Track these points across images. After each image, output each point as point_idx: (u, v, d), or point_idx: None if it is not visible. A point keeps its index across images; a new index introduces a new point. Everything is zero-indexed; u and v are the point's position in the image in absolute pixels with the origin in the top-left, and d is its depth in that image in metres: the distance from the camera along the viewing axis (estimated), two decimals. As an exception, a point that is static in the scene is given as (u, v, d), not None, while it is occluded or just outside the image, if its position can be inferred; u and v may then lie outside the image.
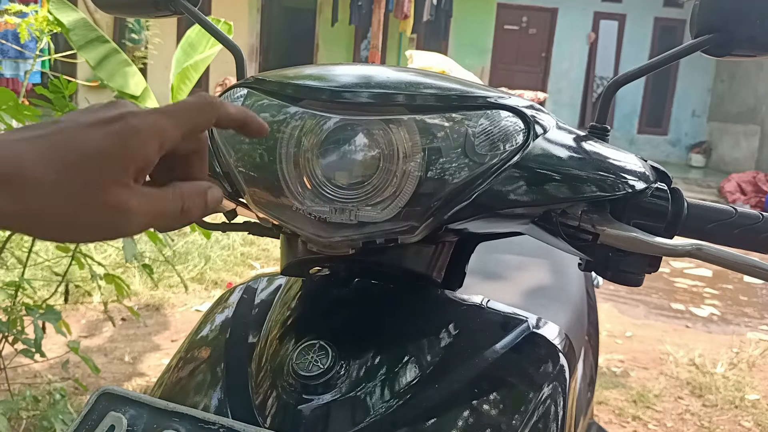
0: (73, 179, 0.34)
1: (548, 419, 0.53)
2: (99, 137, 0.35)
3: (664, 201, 0.53)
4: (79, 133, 0.35)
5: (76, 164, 0.34)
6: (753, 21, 0.55)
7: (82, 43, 2.60)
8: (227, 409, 0.52)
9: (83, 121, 0.35)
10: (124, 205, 0.35)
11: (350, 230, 0.49)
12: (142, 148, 0.36)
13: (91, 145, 0.35)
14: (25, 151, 0.34)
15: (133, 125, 0.36)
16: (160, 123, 0.37)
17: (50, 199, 0.34)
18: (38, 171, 0.33)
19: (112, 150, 0.35)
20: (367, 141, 0.48)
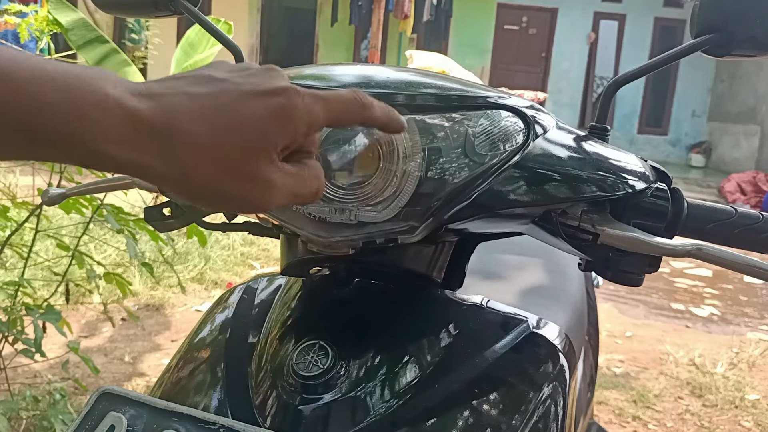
0: (229, 146, 0.34)
1: (548, 419, 0.53)
2: (261, 109, 0.35)
3: (664, 201, 0.53)
4: (243, 101, 0.34)
5: (235, 132, 0.34)
6: (753, 21, 0.55)
7: (81, 43, 2.60)
8: (227, 409, 0.52)
9: (246, 88, 0.35)
10: (270, 179, 0.35)
11: (350, 230, 0.49)
12: (296, 128, 0.36)
13: (253, 115, 0.34)
14: (185, 107, 0.33)
15: (294, 103, 0.36)
16: (315, 107, 0.37)
17: (202, 162, 0.33)
18: (197, 131, 0.33)
19: (272, 124, 0.35)
20: (367, 141, 0.48)
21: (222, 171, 0.34)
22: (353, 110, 0.39)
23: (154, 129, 0.32)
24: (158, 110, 0.33)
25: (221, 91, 0.34)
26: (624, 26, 10.67)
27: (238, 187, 0.35)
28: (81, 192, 0.81)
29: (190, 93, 0.34)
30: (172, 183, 0.34)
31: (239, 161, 0.34)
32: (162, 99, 0.33)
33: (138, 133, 0.32)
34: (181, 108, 0.33)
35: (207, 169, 0.34)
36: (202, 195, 0.35)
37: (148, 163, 0.33)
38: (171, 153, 0.33)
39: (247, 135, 0.34)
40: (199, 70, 0.36)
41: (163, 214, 0.67)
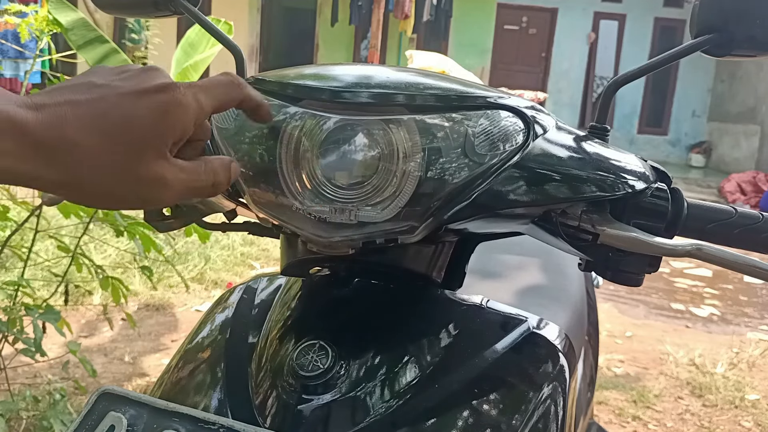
0: (116, 148, 0.34)
1: (548, 419, 0.53)
2: (142, 108, 0.35)
3: (664, 201, 0.53)
4: (123, 102, 0.35)
5: (119, 134, 0.34)
6: (753, 21, 0.55)
7: (82, 43, 2.60)
8: (227, 409, 0.52)
9: (126, 89, 0.35)
10: (162, 176, 0.36)
11: (350, 230, 0.49)
12: (182, 121, 0.37)
13: (135, 116, 0.35)
14: (69, 116, 0.34)
15: (175, 99, 0.36)
16: (198, 97, 0.38)
17: (92, 167, 0.34)
18: (81, 138, 0.33)
19: (155, 122, 0.35)
20: (367, 141, 0.48)
21: (111, 175, 0.35)
22: (233, 90, 0.41)
23: (40, 140, 0.33)
24: (44, 121, 0.33)
25: (101, 97, 0.35)
26: (624, 26, 10.67)
27: (130, 188, 0.36)
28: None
29: (72, 101, 0.34)
30: (65, 190, 0.35)
31: (127, 163, 0.35)
32: (47, 110, 0.33)
33: (26, 145, 0.33)
34: (66, 117, 0.34)
35: (96, 174, 0.34)
36: (96, 199, 0.36)
37: (39, 173, 0.34)
38: (59, 162, 0.33)
39: (131, 136, 0.35)
40: (81, 77, 0.37)
41: (162, 214, 0.67)
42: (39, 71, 4.31)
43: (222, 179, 0.41)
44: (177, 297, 3.12)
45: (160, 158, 0.36)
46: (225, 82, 0.41)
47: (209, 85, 0.39)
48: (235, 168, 0.43)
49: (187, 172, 0.38)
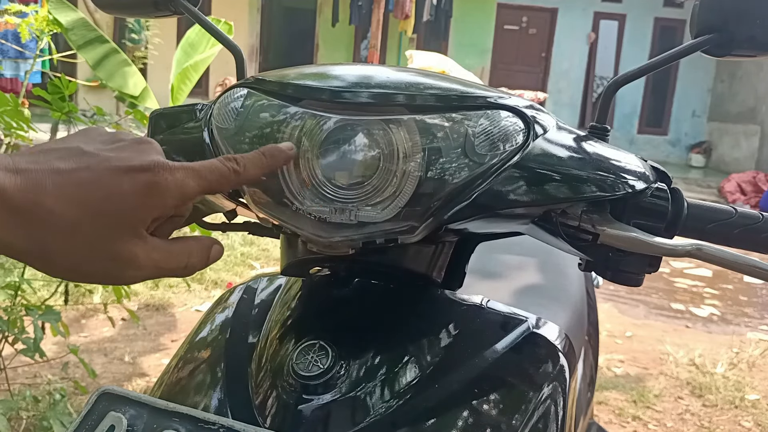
0: (92, 222, 0.33)
1: (548, 419, 0.53)
2: (127, 185, 0.34)
3: (664, 201, 0.53)
4: (108, 176, 0.34)
5: (98, 208, 0.33)
6: (753, 21, 0.55)
7: (82, 43, 2.60)
8: (227, 409, 0.52)
9: (113, 163, 0.34)
10: (134, 256, 0.35)
11: (350, 230, 0.49)
12: (164, 203, 0.35)
13: (116, 192, 0.34)
14: (49, 184, 0.32)
15: (161, 179, 0.35)
16: (186, 181, 0.36)
17: (63, 241, 0.33)
18: (58, 207, 0.32)
19: (136, 201, 0.34)
20: (367, 141, 0.48)
21: (83, 250, 0.33)
22: (226, 179, 0.40)
23: (16, 207, 0.31)
24: (23, 187, 0.32)
25: (88, 167, 0.34)
26: (624, 26, 10.67)
27: (100, 265, 0.34)
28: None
29: (56, 169, 0.33)
30: (34, 260, 0.34)
31: (101, 239, 0.34)
32: (28, 175, 0.32)
33: (1, 209, 0.31)
34: (46, 185, 0.32)
35: (68, 248, 0.33)
36: (63, 272, 0.35)
37: (10, 241, 0.32)
38: (32, 231, 0.32)
39: (112, 213, 0.34)
40: (70, 140, 0.36)
41: (163, 214, 0.67)
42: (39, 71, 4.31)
43: (196, 262, 0.40)
44: (177, 297, 3.12)
45: (135, 237, 0.35)
46: (221, 171, 0.39)
47: (203, 170, 0.38)
48: (216, 251, 0.41)
49: (160, 252, 0.37)
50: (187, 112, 0.59)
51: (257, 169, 0.43)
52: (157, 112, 0.62)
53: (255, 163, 0.42)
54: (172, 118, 0.60)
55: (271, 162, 0.44)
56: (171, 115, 0.60)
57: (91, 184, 0.33)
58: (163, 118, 0.61)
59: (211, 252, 0.41)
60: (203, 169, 0.38)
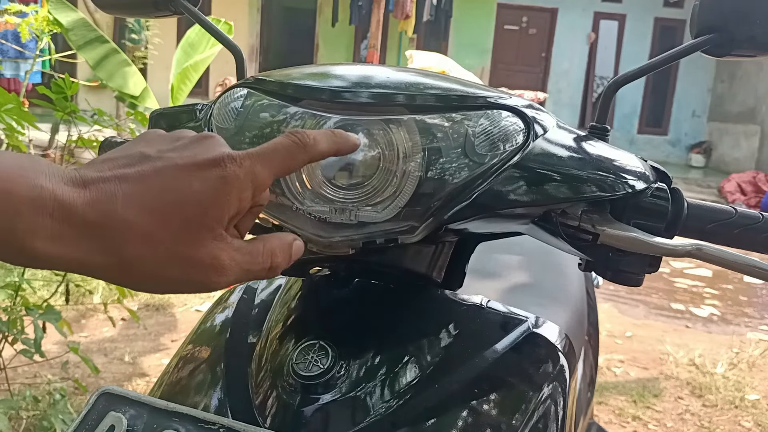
0: (169, 228, 0.31)
1: (548, 419, 0.53)
2: (197, 184, 0.32)
3: (664, 201, 0.53)
4: (176, 177, 0.32)
5: (171, 212, 0.31)
6: (753, 21, 0.55)
7: (82, 43, 2.60)
8: (227, 409, 0.52)
9: (179, 162, 0.33)
10: (217, 259, 0.33)
11: (350, 230, 0.49)
12: (239, 197, 0.34)
13: (189, 193, 0.32)
14: (119, 193, 0.31)
15: (232, 173, 0.33)
16: (255, 169, 0.34)
17: (143, 251, 0.31)
18: (132, 216, 0.31)
19: (211, 199, 0.32)
20: (367, 141, 0.48)
21: (165, 258, 0.32)
22: (297, 155, 0.37)
23: (90, 222, 0.30)
24: (93, 200, 0.30)
25: (155, 171, 0.32)
26: (624, 26, 10.67)
27: (182, 272, 0.33)
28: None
29: (122, 176, 0.31)
30: (113, 275, 0.32)
31: (182, 245, 0.32)
32: (96, 187, 0.31)
33: (73, 228, 0.30)
34: (116, 195, 0.31)
35: (148, 257, 0.31)
36: (145, 284, 0.33)
37: (86, 259, 0.31)
38: (109, 246, 0.31)
39: (187, 215, 0.32)
40: (131, 146, 0.34)
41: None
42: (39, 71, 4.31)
43: (281, 262, 0.37)
44: (177, 297, 3.12)
45: (216, 239, 0.33)
46: (287, 147, 0.36)
47: (269, 153, 0.35)
48: (297, 247, 0.39)
49: (243, 254, 0.35)
50: (187, 112, 0.59)
51: (327, 144, 0.39)
52: (157, 112, 0.62)
53: (325, 138, 0.39)
54: (172, 118, 0.60)
55: (340, 141, 0.41)
56: (171, 115, 0.60)
57: (161, 188, 0.32)
58: (163, 118, 0.61)
59: (293, 248, 0.38)
60: (270, 152, 0.36)
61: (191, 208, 0.32)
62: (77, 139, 1.81)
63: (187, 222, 0.32)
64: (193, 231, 0.32)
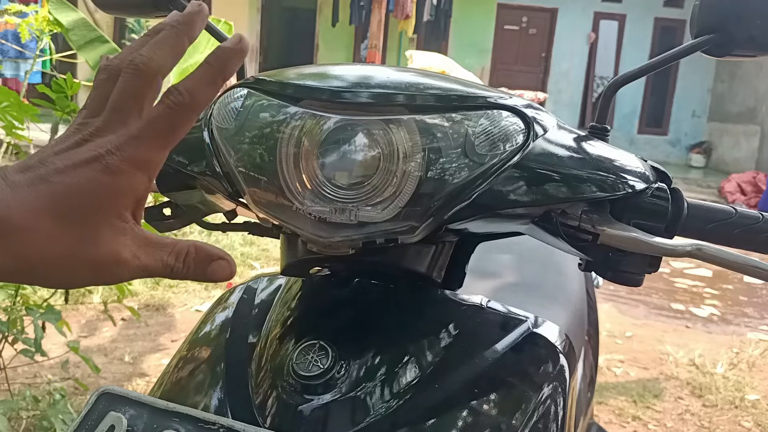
0: (66, 229, 0.32)
1: (548, 419, 0.53)
2: (83, 183, 0.32)
3: (664, 201, 0.53)
4: (59, 179, 0.32)
5: (63, 213, 0.32)
6: (753, 21, 0.55)
7: (82, 43, 2.60)
8: (227, 409, 0.52)
9: (60, 165, 0.32)
10: (117, 257, 0.33)
11: (350, 230, 0.49)
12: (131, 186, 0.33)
13: (77, 193, 0.32)
14: (12, 200, 0.31)
15: (115, 165, 0.33)
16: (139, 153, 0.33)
17: (44, 251, 0.32)
18: (27, 222, 0.31)
19: (101, 195, 0.32)
20: (367, 141, 0.48)
21: (67, 259, 0.32)
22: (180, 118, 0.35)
23: None
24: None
25: (38, 178, 0.32)
26: (624, 26, 10.67)
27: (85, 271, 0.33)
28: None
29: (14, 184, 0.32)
30: (26, 278, 0.33)
31: (81, 244, 0.32)
32: None
33: None
34: (10, 204, 0.31)
35: (51, 260, 0.32)
36: (51, 282, 0.33)
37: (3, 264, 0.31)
38: (8, 249, 0.31)
39: (79, 214, 0.32)
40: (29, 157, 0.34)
41: (163, 214, 0.67)
42: (39, 71, 4.31)
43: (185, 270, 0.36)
44: (177, 297, 3.12)
45: (118, 234, 0.33)
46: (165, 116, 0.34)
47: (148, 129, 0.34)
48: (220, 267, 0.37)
49: (145, 248, 0.35)
50: None
51: (206, 87, 0.36)
52: (157, 112, 0.62)
53: (201, 80, 0.36)
54: None
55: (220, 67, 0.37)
56: None
57: (48, 191, 0.32)
58: (163, 118, 0.61)
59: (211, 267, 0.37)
60: (148, 128, 0.34)
61: (84, 206, 0.32)
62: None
63: (83, 221, 0.32)
64: (92, 228, 0.32)
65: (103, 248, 0.33)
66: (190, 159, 0.56)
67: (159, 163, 0.35)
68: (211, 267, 0.37)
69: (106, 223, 0.33)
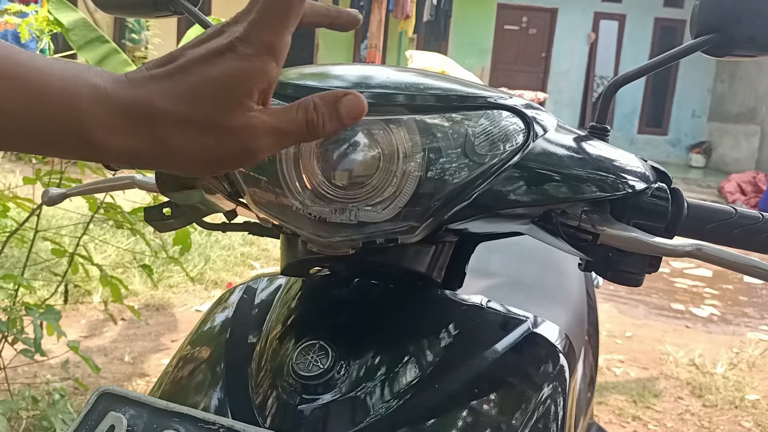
0: (200, 111, 0.36)
1: (548, 419, 0.53)
2: (215, 70, 0.36)
3: (664, 201, 0.53)
4: (196, 68, 0.36)
5: (199, 97, 0.36)
6: (753, 21, 0.55)
7: (82, 43, 2.60)
8: (227, 409, 0.52)
9: (196, 56, 0.37)
10: (248, 126, 0.37)
11: (350, 230, 0.49)
12: (263, 69, 0.37)
13: (209, 78, 0.36)
14: (154, 90, 0.36)
15: (244, 52, 0.36)
16: (265, 39, 0.37)
17: (182, 132, 0.36)
18: (168, 107, 0.35)
19: (230, 79, 0.36)
20: (367, 141, 0.48)
21: (202, 138, 0.36)
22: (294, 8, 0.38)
23: (128, 110, 0.35)
24: (129, 92, 0.35)
25: (177, 68, 0.36)
26: (624, 26, 10.67)
27: (223, 146, 0.37)
28: (81, 192, 0.81)
29: (154, 76, 0.36)
30: (164, 161, 0.37)
31: (215, 121, 0.36)
32: (132, 82, 0.36)
33: (126, 121, 0.35)
34: (149, 89, 0.36)
35: (188, 140, 0.36)
36: (194, 166, 0.37)
37: (138, 147, 0.36)
38: (150, 132, 0.35)
39: (211, 96, 0.36)
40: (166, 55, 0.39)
41: (162, 214, 0.67)
42: (39, 71, 4.29)
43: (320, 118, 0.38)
44: (177, 297, 3.12)
45: (245, 110, 0.37)
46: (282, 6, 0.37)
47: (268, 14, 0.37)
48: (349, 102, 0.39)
49: (276, 116, 0.38)
50: None
51: None
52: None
53: None
54: None
55: None
56: None
57: (185, 78, 0.36)
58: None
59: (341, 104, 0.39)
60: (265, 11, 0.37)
61: (215, 90, 0.36)
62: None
63: (215, 102, 0.36)
64: (222, 108, 0.36)
65: (234, 122, 0.36)
66: None
67: (284, 46, 0.38)
68: (342, 104, 0.39)
69: (237, 104, 0.36)
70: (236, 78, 0.36)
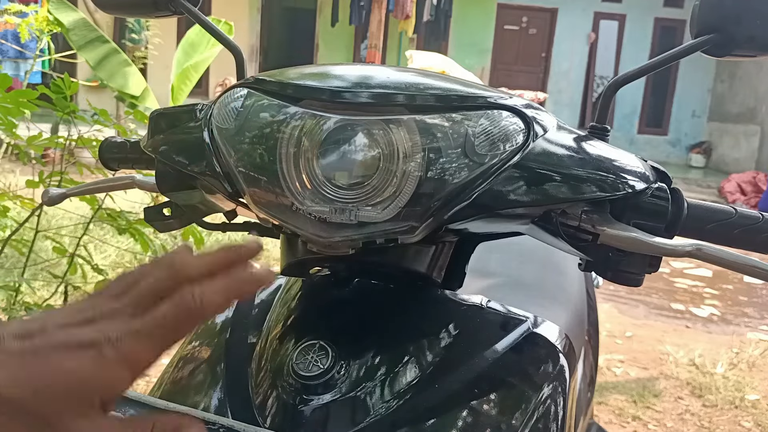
0: (39, 404, 0.32)
1: (548, 419, 0.53)
2: (69, 364, 0.33)
3: (664, 201, 0.53)
4: (51, 357, 0.33)
5: (43, 390, 0.32)
6: (753, 21, 0.55)
7: (82, 43, 2.60)
8: (227, 409, 0.52)
9: (56, 341, 0.33)
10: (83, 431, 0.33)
11: (350, 230, 0.49)
12: (112, 380, 0.34)
13: (60, 372, 0.33)
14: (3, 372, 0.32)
15: (105, 356, 0.33)
16: (135, 350, 0.34)
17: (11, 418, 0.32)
18: (9, 392, 0.32)
19: (80, 380, 0.33)
20: (367, 141, 0.48)
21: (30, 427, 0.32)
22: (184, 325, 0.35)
23: None
24: None
25: (32, 350, 0.33)
26: (624, 26, 10.67)
27: None
28: (81, 192, 0.81)
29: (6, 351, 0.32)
30: None
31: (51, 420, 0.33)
32: None
33: None
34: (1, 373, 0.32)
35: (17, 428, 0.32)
36: None
37: None
38: None
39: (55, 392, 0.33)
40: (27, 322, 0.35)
41: (163, 214, 0.67)
42: (39, 71, 4.31)
43: None
44: (177, 297, 3.11)
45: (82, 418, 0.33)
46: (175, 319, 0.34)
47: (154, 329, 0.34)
48: None
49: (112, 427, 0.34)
50: (187, 112, 0.60)
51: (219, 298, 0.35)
52: (157, 112, 0.62)
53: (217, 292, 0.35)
54: (172, 118, 0.60)
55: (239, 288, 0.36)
56: (171, 115, 0.60)
57: (35, 366, 0.32)
58: (163, 118, 0.61)
59: None
60: (155, 328, 0.34)
61: (62, 388, 0.33)
62: (77, 138, 1.81)
63: (57, 400, 0.33)
64: (60, 409, 0.33)
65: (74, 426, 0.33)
66: (190, 159, 0.56)
67: (150, 363, 0.35)
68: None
69: (74, 406, 0.33)
70: (84, 379, 0.33)
